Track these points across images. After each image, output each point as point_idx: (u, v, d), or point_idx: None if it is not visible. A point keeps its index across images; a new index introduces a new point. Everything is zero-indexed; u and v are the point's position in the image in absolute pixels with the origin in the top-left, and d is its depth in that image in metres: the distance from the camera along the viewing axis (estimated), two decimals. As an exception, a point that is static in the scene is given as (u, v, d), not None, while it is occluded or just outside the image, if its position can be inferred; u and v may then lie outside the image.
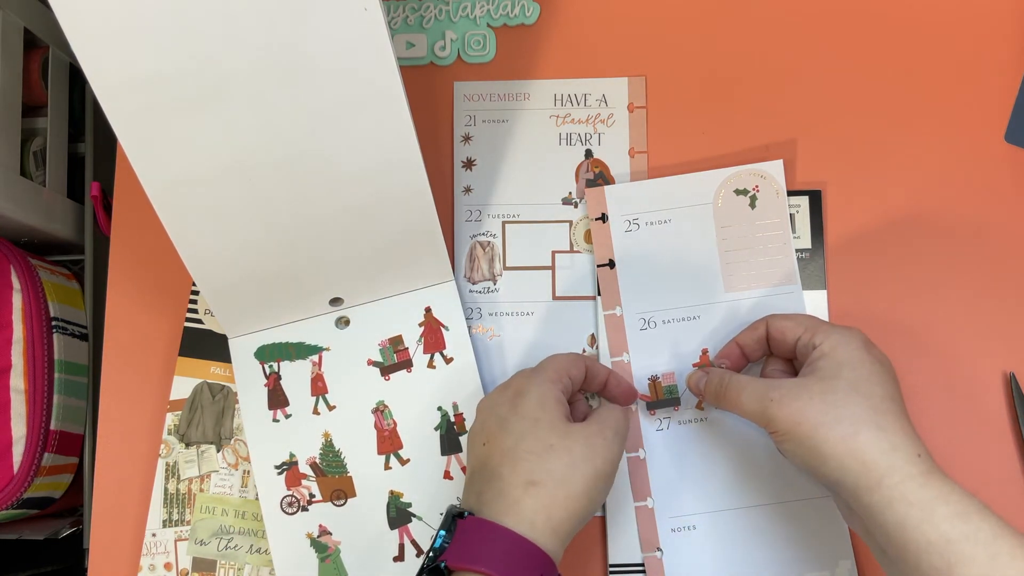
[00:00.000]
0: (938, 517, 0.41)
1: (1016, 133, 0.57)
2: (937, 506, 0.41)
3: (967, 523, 0.41)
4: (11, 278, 0.67)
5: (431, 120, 0.60)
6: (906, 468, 0.43)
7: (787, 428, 0.45)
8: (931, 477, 0.42)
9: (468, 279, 0.59)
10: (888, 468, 0.43)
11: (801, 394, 0.46)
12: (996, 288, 0.56)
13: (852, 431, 0.44)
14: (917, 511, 0.41)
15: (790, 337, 0.50)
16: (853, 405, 0.44)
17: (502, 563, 0.42)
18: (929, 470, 0.43)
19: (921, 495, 0.42)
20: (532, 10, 0.61)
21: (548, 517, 0.44)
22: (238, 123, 0.46)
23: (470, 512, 0.45)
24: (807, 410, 0.45)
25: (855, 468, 0.43)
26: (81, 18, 0.41)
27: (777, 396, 0.46)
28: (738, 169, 0.57)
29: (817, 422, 0.44)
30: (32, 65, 0.73)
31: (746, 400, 0.48)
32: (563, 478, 0.45)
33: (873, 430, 0.44)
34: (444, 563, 0.43)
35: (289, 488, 0.55)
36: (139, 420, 0.58)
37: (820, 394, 0.45)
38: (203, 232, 0.50)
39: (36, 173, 0.73)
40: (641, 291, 0.57)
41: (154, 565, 0.56)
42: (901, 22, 0.60)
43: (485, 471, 0.46)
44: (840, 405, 0.44)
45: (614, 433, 0.48)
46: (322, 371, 0.57)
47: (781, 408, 0.46)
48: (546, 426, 0.46)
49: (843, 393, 0.45)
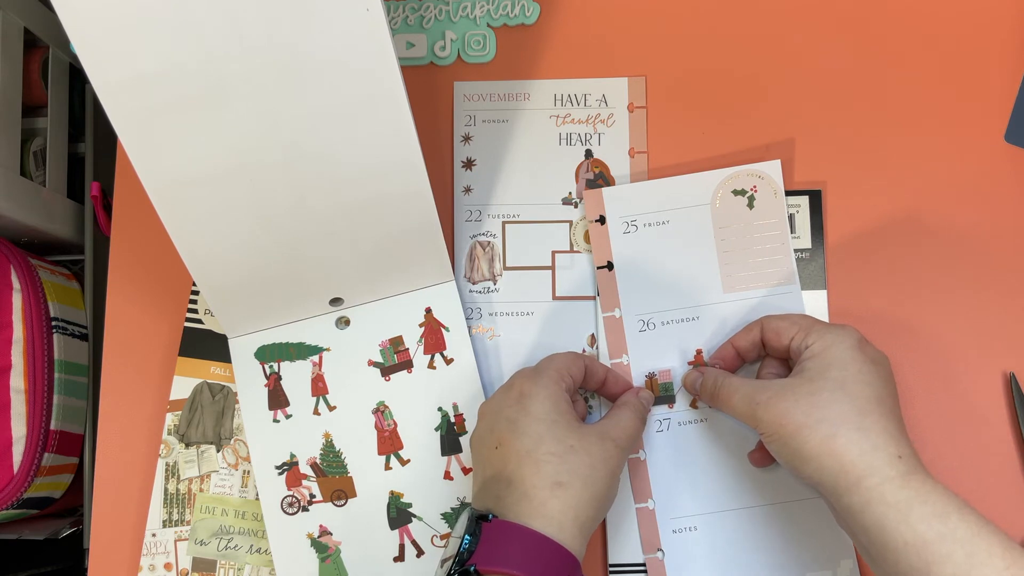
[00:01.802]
0: (915, 518, 0.41)
1: (1016, 133, 0.57)
2: (914, 506, 0.41)
3: (945, 523, 0.41)
4: (11, 278, 0.67)
5: (431, 120, 0.60)
6: (884, 470, 0.43)
7: (772, 429, 0.46)
8: (911, 478, 0.42)
9: (468, 279, 0.59)
10: (866, 469, 0.43)
11: (787, 395, 0.46)
12: (996, 288, 0.56)
13: (832, 432, 0.44)
14: (894, 512, 0.42)
15: (784, 338, 0.50)
16: (836, 405, 0.44)
17: (533, 564, 0.42)
18: (910, 470, 0.43)
19: (899, 496, 0.42)
20: (532, 10, 0.61)
21: (575, 517, 0.44)
22: (239, 123, 0.46)
23: (493, 515, 0.45)
24: (791, 411, 0.45)
25: (834, 469, 0.44)
26: (82, 17, 0.41)
27: (764, 398, 0.47)
28: (736, 170, 0.57)
29: (799, 423, 0.45)
30: (32, 65, 0.73)
31: (737, 402, 0.48)
32: (587, 478, 0.45)
33: (854, 431, 0.44)
34: (474, 566, 0.43)
35: (289, 488, 0.55)
36: (139, 420, 0.58)
37: (806, 395, 0.45)
38: (203, 232, 0.50)
39: (36, 173, 0.73)
40: (640, 293, 0.57)
41: (154, 565, 0.56)
42: (901, 22, 0.60)
43: (503, 475, 0.46)
44: (823, 406, 0.45)
45: (626, 437, 0.48)
46: (322, 371, 0.57)
47: (768, 410, 0.46)
48: (563, 427, 0.46)
49: (828, 393, 0.45)
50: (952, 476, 0.54)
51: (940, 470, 0.54)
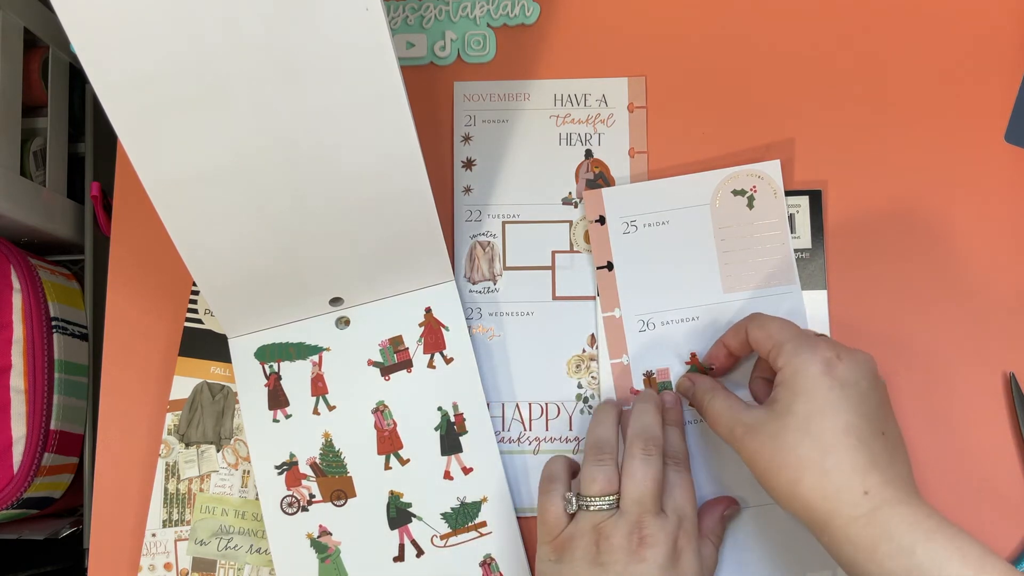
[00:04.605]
0: (881, 555, 0.41)
1: (1016, 133, 0.57)
2: (880, 544, 0.42)
3: (911, 558, 0.41)
4: (11, 278, 0.67)
5: (431, 120, 0.60)
6: (848, 511, 0.43)
7: (748, 465, 0.47)
8: (876, 514, 0.42)
9: (468, 279, 0.59)
10: (831, 512, 0.43)
11: (756, 435, 0.46)
12: (996, 288, 0.56)
13: (795, 478, 0.44)
14: (862, 552, 0.42)
15: (762, 350, 0.49)
16: (800, 448, 0.44)
17: None
18: (876, 506, 0.42)
19: (864, 535, 0.42)
20: (532, 10, 0.61)
21: None
22: (239, 122, 0.46)
23: None
24: (759, 453, 0.46)
25: (800, 513, 0.44)
26: (82, 17, 0.41)
27: (739, 433, 0.47)
28: (735, 170, 0.57)
29: (764, 467, 0.45)
30: (32, 65, 0.73)
31: (720, 430, 0.49)
32: None
33: (816, 475, 0.43)
34: None
35: (289, 488, 0.55)
36: (139, 420, 0.58)
37: (771, 437, 0.45)
38: (203, 231, 0.50)
39: (36, 173, 0.73)
40: (640, 293, 0.57)
41: (154, 565, 0.56)
42: (901, 22, 0.60)
43: None
44: (787, 449, 0.44)
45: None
46: (322, 371, 0.57)
47: (741, 447, 0.47)
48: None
49: (792, 434, 0.44)
50: (952, 476, 0.54)
51: (940, 470, 0.54)
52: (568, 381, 0.57)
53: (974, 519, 0.53)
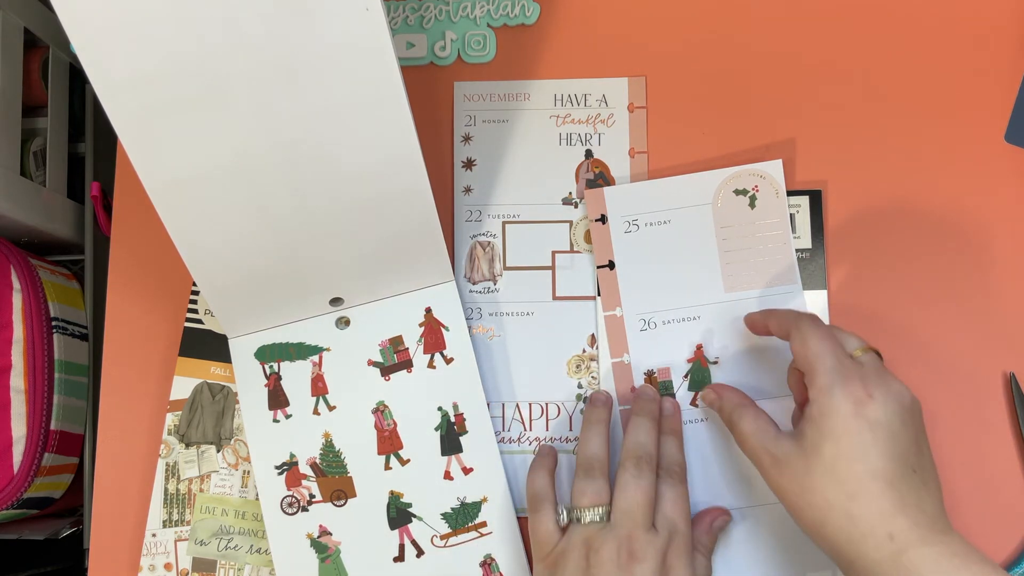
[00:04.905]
0: None
1: (1016, 133, 0.57)
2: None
3: None
4: (11, 278, 0.67)
5: (431, 120, 0.60)
6: (873, 555, 0.42)
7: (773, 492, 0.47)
8: (901, 558, 0.42)
9: (468, 279, 0.59)
10: (855, 555, 0.43)
11: (784, 470, 0.46)
12: (997, 288, 0.56)
13: (821, 519, 0.44)
14: None
15: (797, 364, 0.48)
16: (826, 492, 0.44)
17: None
18: (901, 549, 0.42)
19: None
20: (532, 10, 0.61)
21: None
22: (239, 122, 0.46)
23: None
24: (786, 491, 0.46)
25: (826, 551, 0.45)
26: (82, 17, 0.41)
27: (767, 463, 0.47)
28: (737, 169, 0.57)
29: (791, 503, 0.45)
30: (32, 65, 0.73)
31: (746, 450, 0.48)
32: None
33: (842, 519, 0.43)
34: None
35: (289, 488, 0.55)
36: (139, 420, 0.58)
37: (797, 475, 0.45)
38: (203, 231, 0.50)
39: (36, 173, 0.73)
40: (641, 292, 0.57)
41: (154, 565, 0.56)
42: (901, 22, 0.60)
43: None
44: (814, 491, 0.44)
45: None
46: (322, 371, 0.57)
47: (769, 476, 0.47)
48: None
49: (819, 478, 0.44)
50: (952, 476, 0.54)
51: (940, 471, 0.53)
52: (568, 381, 0.57)
53: (974, 519, 0.53)
